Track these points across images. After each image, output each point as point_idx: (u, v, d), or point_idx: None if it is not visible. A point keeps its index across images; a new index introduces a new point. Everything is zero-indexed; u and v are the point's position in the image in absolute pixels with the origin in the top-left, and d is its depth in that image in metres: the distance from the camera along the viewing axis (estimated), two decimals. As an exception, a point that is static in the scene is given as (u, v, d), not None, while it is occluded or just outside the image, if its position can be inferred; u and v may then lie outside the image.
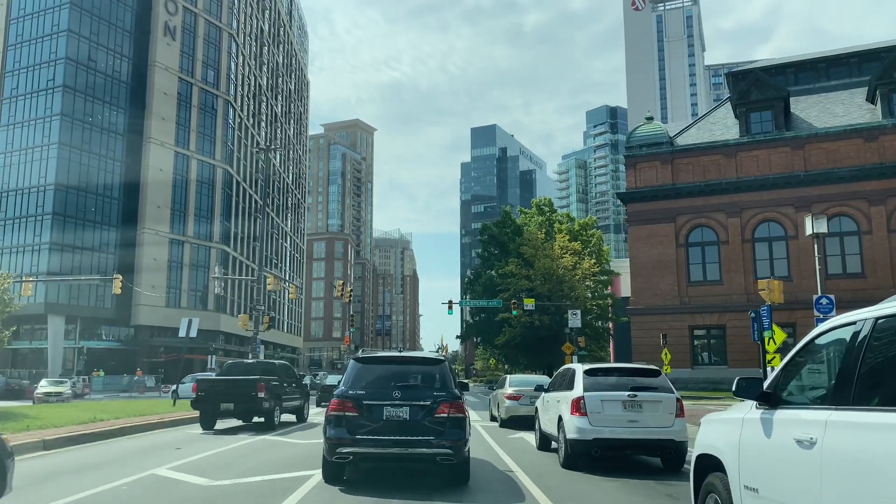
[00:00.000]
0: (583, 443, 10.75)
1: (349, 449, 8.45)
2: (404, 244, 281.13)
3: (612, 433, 10.72)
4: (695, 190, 44.31)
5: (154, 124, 71.91)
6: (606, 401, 10.88)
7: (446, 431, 8.53)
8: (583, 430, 10.73)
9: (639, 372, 12.12)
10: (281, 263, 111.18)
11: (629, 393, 10.93)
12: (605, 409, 10.84)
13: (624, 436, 10.75)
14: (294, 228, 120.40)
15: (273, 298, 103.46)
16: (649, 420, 10.81)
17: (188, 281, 74.30)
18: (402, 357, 9.95)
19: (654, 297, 44.61)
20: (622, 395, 10.92)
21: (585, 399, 10.88)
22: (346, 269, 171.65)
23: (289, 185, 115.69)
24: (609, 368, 12.44)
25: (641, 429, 10.75)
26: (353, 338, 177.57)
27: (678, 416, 11.01)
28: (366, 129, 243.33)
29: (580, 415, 10.84)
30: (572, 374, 12.06)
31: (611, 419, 10.79)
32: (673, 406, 11.13)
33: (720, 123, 47.64)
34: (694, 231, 44.77)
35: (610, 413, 10.83)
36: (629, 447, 11.09)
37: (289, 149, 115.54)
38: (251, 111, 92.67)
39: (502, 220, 61.08)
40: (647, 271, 45.09)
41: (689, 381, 42.68)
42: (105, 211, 68.10)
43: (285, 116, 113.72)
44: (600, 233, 57.81)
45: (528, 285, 50.41)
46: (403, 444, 8.49)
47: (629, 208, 46.43)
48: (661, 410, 10.95)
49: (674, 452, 10.97)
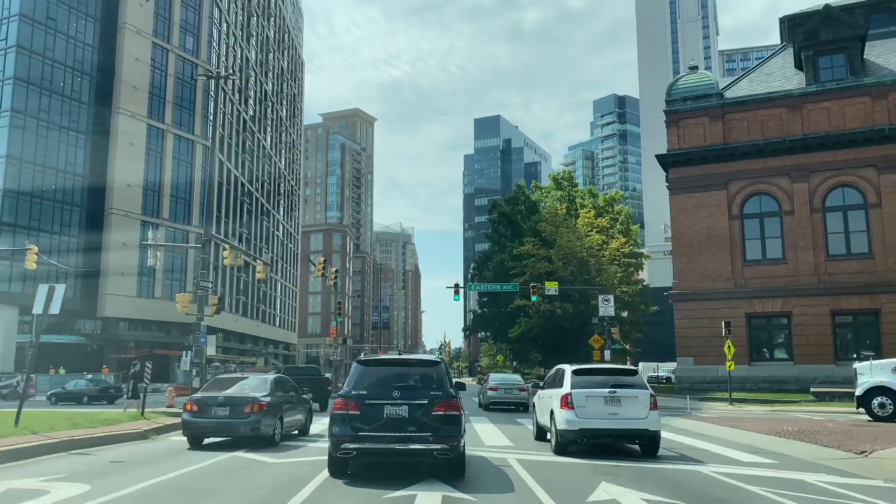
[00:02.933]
0: (571, 432, 12.64)
1: (352, 445, 8.99)
2: (405, 238, 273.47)
3: (595, 424, 12.59)
4: (751, 150, 36.73)
5: (124, 93, 64.38)
6: (590, 396, 12.69)
7: (443, 428, 9.04)
8: (570, 422, 12.59)
9: (619, 372, 14.03)
10: (272, 254, 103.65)
11: (609, 389, 12.73)
12: (589, 403, 12.66)
13: (605, 426, 12.65)
14: (287, 217, 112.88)
15: (263, 290, 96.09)
16: (627, 413, 12.62)
17: (162, 268, 66.76)
18: (402, 359, 10.88)
19: (702, 280, 37.03)
20: (604, 391, 12.73)
21: (572, 395, 12.72)
22: (344, 262, 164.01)
23: (281, 169, 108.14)
24: (593, 369, 14.30)
25: (620, 420, 12.64)
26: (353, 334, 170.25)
27: (652, 409, 12.72)
28: (366, 118, 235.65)
29: (568, 408, 12.69)
30: (562, 374, 13.84)
31: (594, 412, 12.62)
32: (648, 401, 12.78)
33: (777, 74, 39.95)
34: (751, 200, 37.16)
35: (593, 407, 12.64)
36: (610, 436, 13.00)
37: (280, 131, 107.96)
38: (237, 86, 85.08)
39: (514, 196, 53.49)
40: (694, 249, 37.49)
41: (745, 379, 35.18)
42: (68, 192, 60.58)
43: (277, 96, 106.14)
44: (629, 209, 50.20)
45: (548, 268, 42.89)
46: (403, 441, 8.98)
47: (671, 174, 38.79)
48: (638, 404, 12.65)
49: (649, 441, 12.89)
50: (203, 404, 14.07)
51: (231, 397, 14.22)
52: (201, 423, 13.91)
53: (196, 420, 13.92)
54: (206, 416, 13.94)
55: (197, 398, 14.45)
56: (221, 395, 14.30)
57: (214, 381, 16.17)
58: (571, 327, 43.70)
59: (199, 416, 13.94)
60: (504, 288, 40.77)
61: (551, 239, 43.94)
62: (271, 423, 14.14)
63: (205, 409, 14.00)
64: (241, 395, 14.33)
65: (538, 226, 45.62)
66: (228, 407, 13.96)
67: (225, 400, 14.08)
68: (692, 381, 36.40)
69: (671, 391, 41.73)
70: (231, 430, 13.97)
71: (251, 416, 13.72)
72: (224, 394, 14.36)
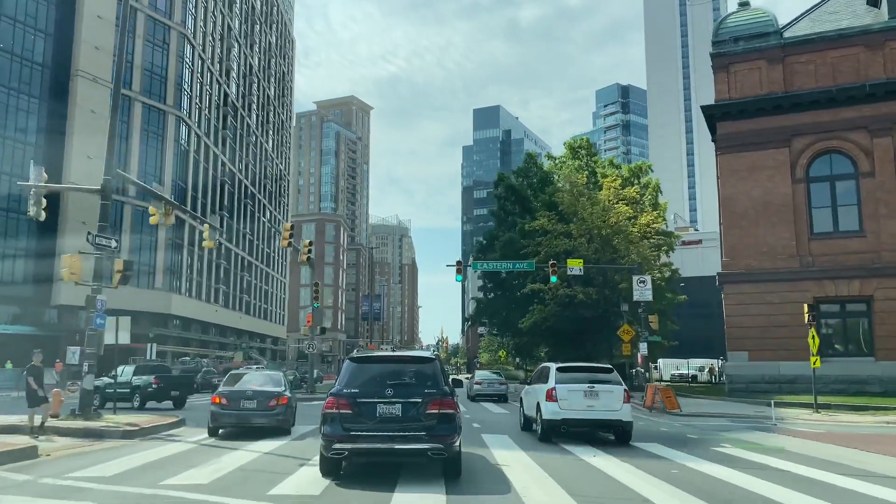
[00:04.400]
0: (555, 421, 14.28)
1: (344, 445, 8.71)
2: (402, 231, 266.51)
3: (576, 414, 14.20)
4: (820, 98, 30.05)
5: (84, 54, 57.40)
6: (572, 390, 14.33)
7: (437, 427, 8.79)
8: (555, 412, 14.22)
9: (597, 370, 15.85)
10: (258, 241, 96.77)
11: (588, 385, 14.44)
12: (571, 396, 14.28)
13: (585, 416, 14.24)
14: (275, 203, 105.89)
15: (247, 280, 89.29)
16: (603, 405, 14.22)
17: (129, 251, 59.87)
18: (396, 356, 10.67)
19: (758, 258, 30.34)
20: (583, 386, 14.42)
21: (556, 389, 14.39)
22: (338, 253, 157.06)
23: (268, 151, 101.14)
24: (575, 367, 16.01)
25: (597, 411, 14.23)
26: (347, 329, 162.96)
27: (625, 403, 14.32)
28: (362, 107, 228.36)
29: (552, 401, 14.31)
30: (548, 371, 15.56)
31: (575, 404, 14.24)
32: (621, 395, 14.41)
33: (845, 12, 33.14)
34: (819, 159, 30.50)
35: (574, 399, 14.27)
36: (588, 426, 14.62)
37: (268, 109, 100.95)
38: (217, 55, 78.05)
39: (524, 167, 46.63)
40: (748, 220, 30.82)
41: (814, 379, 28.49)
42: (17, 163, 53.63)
43: (264, 72, 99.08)
44: (657, 180, 43.41)
45: (566, 246, 36.19)
46: (396, 440, 8.68)
47: (719, 129, 32.05)
48: (613, 398, 14.28)
49: (622, 430, 14.36)
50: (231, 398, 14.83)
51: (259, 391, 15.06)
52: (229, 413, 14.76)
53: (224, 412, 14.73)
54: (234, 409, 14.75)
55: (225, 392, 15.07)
56: (250, 388, 15.11)
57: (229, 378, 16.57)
58: (593, 316, 36.97)
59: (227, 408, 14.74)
60: (517, 267, 33.84)
61: (570, 212, 37.17)
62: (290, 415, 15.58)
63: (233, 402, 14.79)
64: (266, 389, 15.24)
65: (554, 197, 38.85)
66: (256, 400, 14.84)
67: (253, 394, 14.92)
68: (747, 381, 29.75)
69: (714, 392, 35.06)
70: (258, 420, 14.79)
71: (276, 409, 14.86)
72: (252, 388, 15.16)
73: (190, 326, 71.15)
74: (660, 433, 16.95)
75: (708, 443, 14.59)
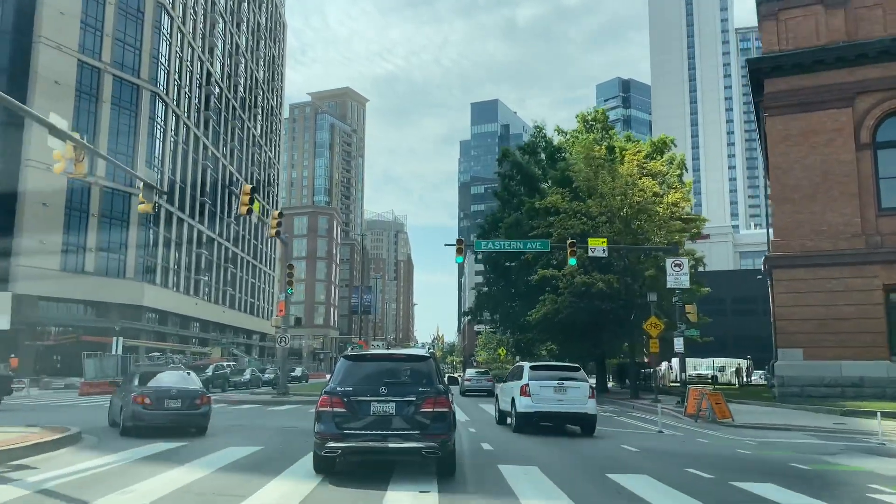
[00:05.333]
0: (528, 414, 15.76)
1: (337, 444, 8.61)
2: (398, 227, 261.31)
3: (547, 408, 15.69)
4: (891, 48, 25.21)
5: (47, 19, 52.30)
6: (543, 386, 15.79)
7: (431, 425, 8.72)
8: (528, 406, 15.69)
9: (566, 368, 17.53)
10: (245, 233, 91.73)
11: (557, 381, 15.88)
12: (542, 392, 15.73)
13: (554, 409, 15.72)
14: (264, 192, 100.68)
15: (231, 272, 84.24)
16: (571, 400, 15.73)
17: (96, 237, 54.92)
18: (390, 354, 10.53)
19: (816, 238, 25.57)
20: (553, 382, 15.87)
21: (530, 385, 15.83)
22: (331, 247, 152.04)
23: (256, 137, 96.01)
24: (546, 365, 18.24)
25: (566, 405, 15.72)
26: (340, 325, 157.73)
27: (590, 398, 15.89)
28: (357, 98, 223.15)
29: (526, 396, 15.75)
30: (522, 369, 16.98)
31: (546, 399, 15.69)
32: (587, 391, 15.98)
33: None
34: (889, 120, 25.76)
35: (545, 395, 15.72)
36: (557, 418, 16.08)
37: (256, 93, 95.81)
38: (199, 30, 72.94)
39: (531, 142, 41.61)
40: (803, 193, 26.02)
41: (885, 382, 23.71)
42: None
43: (252, 53, 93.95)
44: (683, 154, 38.54)
45: (583, 227, 31.25)
46: (390, 439, 8.64)
47: (767, 86, 27.20)
48: (580, 393, 15.80)
49: (587, 423, 15.91)
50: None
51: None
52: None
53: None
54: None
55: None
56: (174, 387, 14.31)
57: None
58: (612, 308, 32.09)
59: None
60: (528, 247, 28.75)
61: (587, 188, 32.27)
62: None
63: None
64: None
65: (569, 171, 33.94)
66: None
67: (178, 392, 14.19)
68: (801, 384, 24.93)
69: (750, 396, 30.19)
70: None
71: (202, 408, 14.26)
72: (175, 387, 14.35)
73: (167, 320, 66.05)
74: (738, 458, 12.11)
75: (841, 481, 9.72)
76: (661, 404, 21.17)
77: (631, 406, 28.05)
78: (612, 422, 20.34)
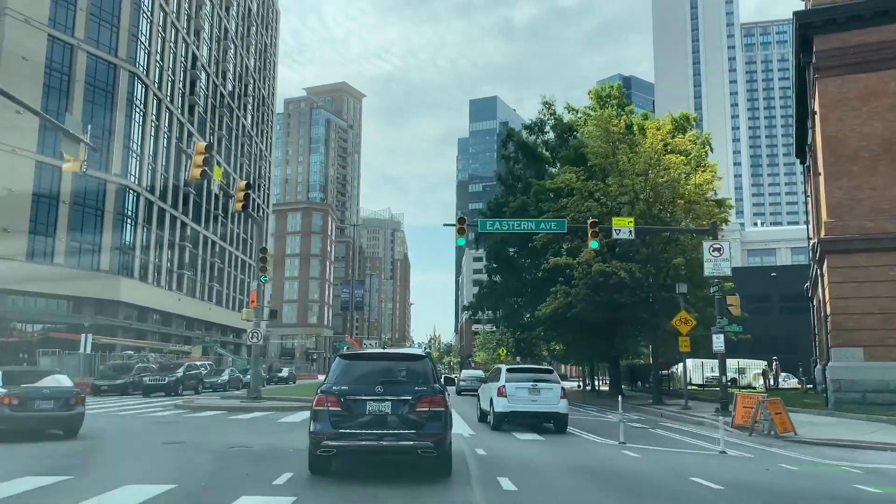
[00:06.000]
0: (504, 414, 17.05)
1: (333, 443, 8.52)
2: (395, 225, 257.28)
3: (522, 407, 16.98)
4: (967, -3, 21.52)
5: (14, -10, 48.41)
6: (519, 388, 17.05)
7: (427, 425, 8.64)
8: (504, 406, 16.95)
9: (539, 370, 19.10)
10: (234, 226, 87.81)
11: (532, 383, 17.18)
12: (517, 393, 16.98)
13: (529, 409, 17.04)
14: (254, 185, 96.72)
15: (218, 267, 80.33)
16: (545, 400, 17.03)
17: (68, 227, 51.00)
18: (386, 353, 10.76)
19: (877, 217, 21.92)
20: (528, 384, 17.13)
21: (506, 386, 17.11)
22: (325, 244, 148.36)
23: (246, 127, 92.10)
24: (522, 368, 20.30)
25: (539, 405, 17.05)
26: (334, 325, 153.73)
27: (562, 398, 17.15)
28: (353, 94, 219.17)
29: (503, 396, 17.01)
30: (500, 371, 18.38)
31: (521, 399, 16.96)
32: (559, 391, 17.29)
33: None
34: (963, 81, 21.97)
35: (520, 395, 16.97)
36: (532, 417, 17.34)
37: (246, 81, 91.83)
38: (184, 11, 69.02)
39: (539, 120, 37.76)
40: (862, 165, 22.33)
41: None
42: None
43: (242, 41, 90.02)
44: (708, 133, 34.85)
45: (600, 209, 27.53)
46: (386, 438, 8.54)
47: (818, 43, 23.47)
48: (552, 394, 17.12)
49: (560, 421, 17.14)
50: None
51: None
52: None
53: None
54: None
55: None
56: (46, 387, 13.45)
57: None
58: (631, 302, 28.36)
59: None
60: (542, 227, 24.73)
61: (603, 168, 28.55)
62: None
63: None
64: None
65: (583, 149, 30.20)
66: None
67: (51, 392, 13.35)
68: (862, 389, 21.23)
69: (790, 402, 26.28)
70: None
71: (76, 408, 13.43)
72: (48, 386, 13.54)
73: (148, 317, 62.14)
74: (873, 502, 8.33)
75: None
76: (702, 413, 17.49)
77: (658, 414, 24.31)
78: (650, 436, 16.58)
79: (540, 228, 24.12)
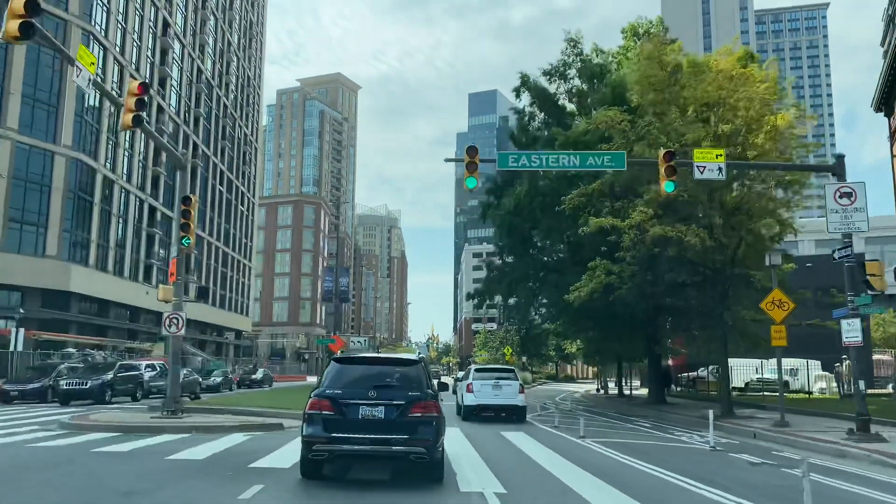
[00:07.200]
0: (472, 407, 20.48)
1: (325, 447, 8.61)
2: (392, 222, 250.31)
3: (486, 401, 20.39)
4: None
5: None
6: (483, 384, 20.62)
7: (420, 430, 8.65)
8: (472, 399, 20.49)
9: (502, 370, 22.60)
10: (215, 214, 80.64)
11: (494, 380, 20.71)
12: (482, 388, 20.51)
13: (492, 402, 20.41)
14: (238, 172, 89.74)
15: (197, 258, 73.07)
16: (505, 394, 20.37)
17: (5, 204, 43.93)
18: (380, 358, 10.40)
19: None
20: (492, 381, 20.67)
21: (473, 384, 20.71)
22: (318, 239, 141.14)
23: (229, 110, 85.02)
24: (487, 368, 24.43)
25: (501, 399, 20.38)
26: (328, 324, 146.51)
27: (521, 393, 20.72)
28: (349, 85, 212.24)
29: (471, 392, 20.55)
30: (470, 370, 22.74)
31: (486, 394, 20.41)
32: (518, 387, 20.77)
33: None
34: None
35: (485, 391, 20.46)
36: (495, 409, 20.57)
37: (229, 58, 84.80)
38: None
39: (562, 61, 30.50)
40: None
41: None
42: None
43: (224, 13, 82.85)
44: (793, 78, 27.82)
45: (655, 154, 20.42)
46: (378, 443, 8.58)
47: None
48: (512, 390, 20.50)
49: (519, 412, 20.48)
50: None
51: None
52: None
53: None
54: None
55: None
56: None
57: None
58: (693, 282, 21.37)
59: None
60: (590, 164, 15.78)
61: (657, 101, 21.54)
62: None
63: None
64: None
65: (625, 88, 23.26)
66: None
67: None
68: None
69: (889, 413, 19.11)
70: None
71: None
72: None
73: (109, 311, 54.99)
74: None
75: None
76: (814, 432, 10.56)
77: (746, 433, 17.29)
78: (819, 495, 9.17)
79: (587, 165, 16.60)
